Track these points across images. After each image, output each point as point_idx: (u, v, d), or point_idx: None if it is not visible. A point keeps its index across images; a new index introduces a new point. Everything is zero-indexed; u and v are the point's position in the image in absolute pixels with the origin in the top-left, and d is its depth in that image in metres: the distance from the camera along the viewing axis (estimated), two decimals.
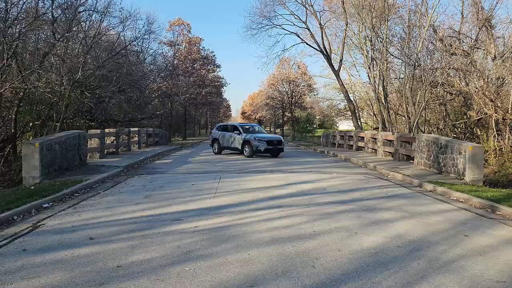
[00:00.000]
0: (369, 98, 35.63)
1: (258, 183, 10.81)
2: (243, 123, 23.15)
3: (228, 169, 14.11)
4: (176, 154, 21.68)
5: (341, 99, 37.40)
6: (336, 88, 38.13)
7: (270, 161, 17.48)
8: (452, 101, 27.88)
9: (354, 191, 9.70)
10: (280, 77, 47.58)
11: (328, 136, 28.96)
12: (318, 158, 19.65)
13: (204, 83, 35.02)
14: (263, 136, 19.26)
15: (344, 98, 38.39)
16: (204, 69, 35.77)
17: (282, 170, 13.94)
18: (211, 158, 18.58)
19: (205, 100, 35.40)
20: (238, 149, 19.49)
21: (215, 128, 21.68)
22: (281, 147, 19.16)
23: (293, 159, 18.47)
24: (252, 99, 78.66)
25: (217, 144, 20.73)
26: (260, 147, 18.48)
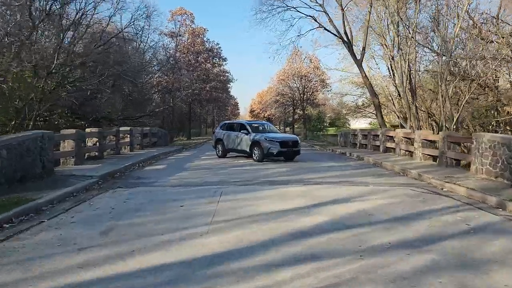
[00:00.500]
0: (390, 93, 32.39)
1: (272, 203, 7.73)
2: (252, 121, 20.07)
3: (232, 179, 11.06)
4: (173, 157, 18.68)
5: (359, 95, 34.22)
6: (353, 82, 34.94)
7: (284, 166, 14.39)
8: (484, 95, 24.58)
9: (415, 219, 6.57)
10: (291, 72, 44.43)
11: (347, 135, 25.75)
12: (341, 162, 16.49)
13: (209, 77, 32.02)
14: (276, 136, 16.16)
15: (362, 93, 35.24)
16: (209, 62, 32.79)
17: (302, 180, 10.83)
18: (213, 163, 15.54)
19: (209, 96, 32.38)
20: (246, 151, 16.42)
21: (218, 127, 18.61)
22: (297, 149, 16.05)
23: (312, 164, 15.35)
24: (260, 97, 75.61)
25: (221, 146, 17.69)
26: (272, 149, 15.38)
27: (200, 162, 16.19)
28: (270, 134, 16.37)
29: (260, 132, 16.75)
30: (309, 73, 44.00)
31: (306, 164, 15.16)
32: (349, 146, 25.00)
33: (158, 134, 25.19)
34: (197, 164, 15.39)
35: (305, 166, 14.44)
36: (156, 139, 24.76)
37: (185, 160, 16.85)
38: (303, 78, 43.74)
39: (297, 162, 15.78)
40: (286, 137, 16.45)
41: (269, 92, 61.81)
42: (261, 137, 15.74)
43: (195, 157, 18.38)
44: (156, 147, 23.32)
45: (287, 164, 15.21)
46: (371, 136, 21.21)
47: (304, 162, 15.95)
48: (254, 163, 15.47)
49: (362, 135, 23.04)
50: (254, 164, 15.01)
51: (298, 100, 45.96)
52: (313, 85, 44.31)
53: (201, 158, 17.86)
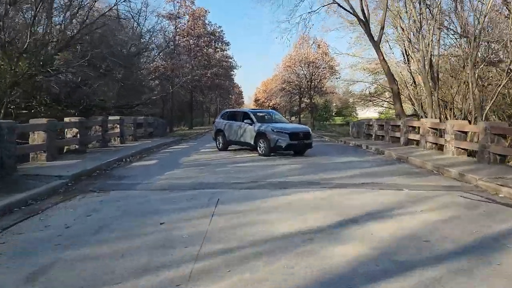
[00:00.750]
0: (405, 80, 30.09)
1: (285, 219, 5.73)
2: (257, 109, 17.88)
3: (233, 180, 9.05)
4: (169, 150, 16.66)
5: (371, 82, 31.91)
6: (364, 68, 32.62)
7: (295, 162, 12.36)
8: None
9: (497, 249, 4.54)
10: (298, 58, 42.11)
11: (361, 125, 23.62)
12: (359, 156, 14.41)
13: (210, 63, 29.86)
14: (284, 126, 14.06)
15: (374, 80, 32.92)
16: (211, 47, 30.59)
17: (319, 182, 8.79)
18: (212, 157, 13.52)
19: (211, 83, 30.25)
20: (250, 144, 14.38)
21: (219, 116, 16.54)
22: (309, 142, 13.98)
23: (326, 159, 13.30)
24: (265, 86, 73.33)
25: (221, 137, 15.64)
26: (281, 142, 13.32)
27: (198, 156, 14.17)
28: (278, 124, 14.28)
29: (266, 122, 14.70)
30: (317, 59, 41.65)
31: (320, 159, 13.11)
32: (363, 137, 22.89)
33: (155, 124, 23.17)
34: (194, 158, 13.37)
35: (319, 162, 12.38)
36: (152, 129, 22.75)
37: (181, 154, 14.83)
38: (311, 65, 41.41)
39: (308, 157, 13.72)
40: (296, 128, 14.38)
41: (274, 80, 59.52)
42: (267, 128, 13.67)
43: (193, 150, 16.36)
44: (151, 138, 21.33)
45: (297, 159, 13.17)
46: (389, 126, 19.08)
47: (316, 156, 13.89)
48: (259, 158, 13.44)
49: (378, 125, 20.92)
50: (259, 159, 12.98)
51: (305, 88, 43.70)
52: (321, 72, 41.96)
53: (200, 151, 15.84)
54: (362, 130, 23.44)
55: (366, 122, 22.97)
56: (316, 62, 41.58)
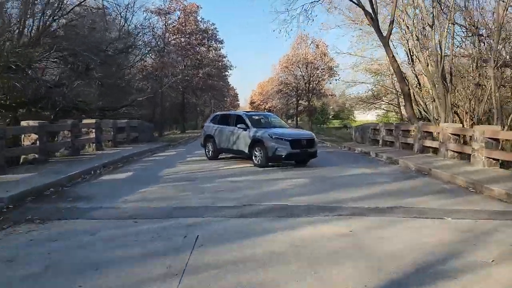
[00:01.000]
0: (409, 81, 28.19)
1: (295, 279, 3.67)
2: (252, 112, 15.61)
3: (220, 202, 7.03)
4: (151, 158, 14.57)
5: (374, 83, 29.99)
6: (367, 69, 30.68)
7: (298, 174, 10.33)
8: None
9: None
10: (296, 58, 40.17)
11: (365, 130, 21.64)
12: (370, 166, 12.39)
13: (202, 62, 27.82)
14: (284, 132, 11.98)
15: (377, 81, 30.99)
16: (203, 45, 28.54)
17: (333, 206, 6.75)
18: (199, 169, 11.44)
19: (203, 83, 28.18)
20: (244, 152, 12.32)
21: (209, 120, 14.44)
22: (314, 150, 11.91)
23: (333, 170, 11.27)
24: (261, 88, 71.53)
25: (211, 145, 13.59)
26: (280, 151, 11.28)
27: (183, 166, 12.09)
28: (277, 129, 12.22)
29: (263, 126, 12.67)
30: (315, 59, 39.71)
31: (326, 171, 11.08)
32: (368, 143, 20.90)
33: (140, 128, 21.07)
34: (178, 170, 11.29)
35: (327, 175, 10.35)
36: (137, 134, 20.65)
37: (164, 163, 12.76)
38: (309, 65, 39.47)
39: (312, 168, 11.70)
40: (298, 134, 12.28)
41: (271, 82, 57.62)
42: (265, 134, 11.62)
43: (180, 159, 14.28)
44: (136, 144, 19.23)
45: (300, 171, 11.13)
46: (399, 131, 17.10)
47: (322, 167, 11.87)
48: (254, 169, 11.40)
49: (386, 130, 18.92)
50: (255, 172, 10.93)
51: (302, 90, 41.75)
52: (320, 73, 40.04)
53: (186, 160, 13.76)
54: (366, 135, 21.45)
55: (371, 126, 20.99)
56: (315, 62, 39.64)
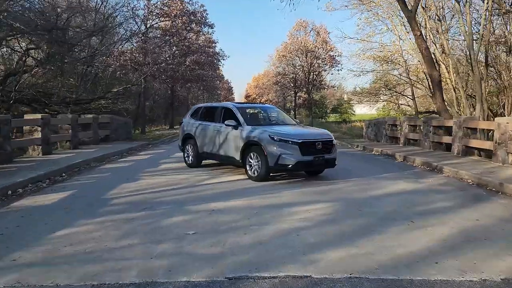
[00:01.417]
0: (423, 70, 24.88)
1: None
2: (246, 104, 11.67)
3: (185, 269, 3.60)
4: (112, 166, 11.08)
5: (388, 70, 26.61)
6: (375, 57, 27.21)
7: (312, 195, 6.97)
8: None
9: None
10: (294, 46, 36.68)
11: (380, 125, 18.34)
12: (409, 179, 9.03)
13: (190, 48, 24.30)
14: (290, 131, 8.44)
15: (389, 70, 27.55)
16: (191, 30, 24.98)
17: (400, 281, 3.40)
18: (169, 184, 7.99)
19: (190, 72, 24.67)
20: (234, 159, 8.89)
21: (188, 114, 10.93)
22: (332, 156, 8.42)
23: (361, 186, 7.90)
24: (257, 81, 68.11)
25: (191, 147, 10.18)
26: (286, 158, 7.84)
27: (148, 180, 8.67)
28: (280, 127, 8.79)
29: (261, 123, 9.32)
30: (316, 47, 36.23)
31: (352, 187, 7.75)
32: (384, 141, 17.63)
33: (113, 124, 17.61)
34: (138, 187, 7.86)
35: (355, 195, 7.01)
36: (109, 132, 17.21)
37: (125, 174, 9.35)
38: (309, 54, 36.00)
39: (331, 181, 8.35)
40: (310, 134, 8.57)
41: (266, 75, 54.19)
42: (263, 134, 8.18)
43: (151, 165, 10.86)
44: (105, 144, 15.82)
45: (314, 186, 7.76)
46: (429, 127, 13.78)
47: (343, 179, 8.54)
48: (248, 184, 8.01)
49: (409, 126, 15.63)
50: (249, 190, 7.55)
51: (301, 81, 38.30)
52: (321, 62, 36.58)
53: (158, 169, 10.33)
54: (382, 131, 18.17)
55: (389, 121, 17.66)
56: (316, 51, 36.17)
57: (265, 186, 7.84)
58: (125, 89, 22.23)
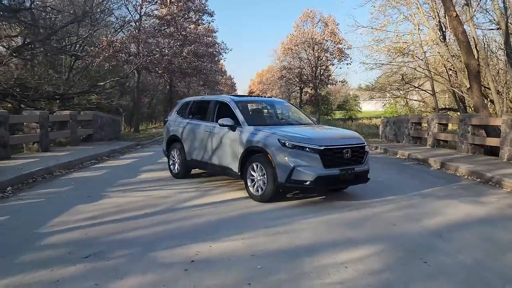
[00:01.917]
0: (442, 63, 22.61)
1: None
2: (247, 97, 8.98)
3: None
4: (79, 175, 8.83)
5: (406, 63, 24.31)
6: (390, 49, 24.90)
7: (341, 228, 4.76)
8: None
9: None
10: (301, 39, 34.38)
11: (401, 123, 16.14)
12: (465, 197, 6.85)
13: (187, 38, 22.07)
14: (307, 134, 6.06)
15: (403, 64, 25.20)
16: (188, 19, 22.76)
17: None
18: (143, 204, 5.79)
19: (188, 65, 22.42)
20: (231, 171, 6.64)
21: (174, 111, 8.66)
22: (364, 169, 6.15)
23: (407, 210, 5.71)
24: (260, 77, 65.98)
25: (177, 153, 7.99)
26: (302, 172, 5.59)
27: (114, 200, 6.48)
28: (292, 128, 6.55)
29: (267, 122, 7.16)
30: (324, 39, 33.90)
31: (395, 212, 5.56)
32: (405, 141, 15.43)
33: (97, 123, 15.47)
34: (93, 215, 5.66)
35: (407, 230, 4.79)
36: (91, 131, 15.08)
37: (88, 188, 7.18)
38: (317, 47, 33.70)
39: (363, 202, 6.14)
40: (335, 137, 6.26)
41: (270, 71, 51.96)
42: (270, 138, 5.95)
43: (126, 175, 8.67)
44: (85, 145, 13.70)
45: (341, 212, 5.55)
46: (467, 127, 11.53)
47: (377, 198, 6.34)
48: (248, 208, 5.80)
49: (438, 125, 13.41)
50: (250, 217, 5.36)
51: (308, 76, 36.01)
52: (329, 55, 34.28)
53: (134, 181, 8.12)
54: (403, 130, 15.96)
55: (413, 119, 15.42)
56: (323, 43, 33.84)
57: (272, 210, 5.65)
58: (113, 82, 20.02)
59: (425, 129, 14.14)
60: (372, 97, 29.27)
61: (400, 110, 38.44)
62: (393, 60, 25.42)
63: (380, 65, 24.40)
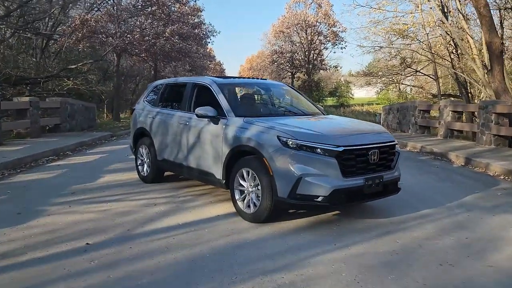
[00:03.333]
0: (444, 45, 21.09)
1: None
2: (234, 79, 7.20)
3: None
4: (23, 178, 7.01)
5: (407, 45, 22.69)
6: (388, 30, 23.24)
7: (368, 264, 3.13)
8: None
9: None
10: (293, 21, 32.50)
11: (406, 111, 14.61)
12: None
13: (170, 17, 20.07)
14: (316, 129, 4.29)
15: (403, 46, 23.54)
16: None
17: None
18: (88, 228, 4.07)
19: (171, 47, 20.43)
20: (212, 177, 4.95)
21: (143, 97, 6.91)
22: (394, 177, 4.52)
23: (451, 227, 4.11)
24: (250, 62, 64.12)
25: (146, 151, 6.29)
26: (313, 184, 3.92)
27: (53, 219, 4.79)
28: (295, 121, 4.90)
29: (261, 112, 5.50)
30: (317, 22, 32.06)
31: (445, 240, 3.94)
32: (412, 131, 13.93)
33: (66, 111, 13.62)
34: (5, 250, 4.00)
35: (476, 278, 3.18)
36: (58, 120, 13.25)
37: (24, 200, 5.47)
38: (310, 30, 31.86)
39: (392, 222, 4.53)
40: (355, 133, 4.44)
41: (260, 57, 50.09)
42: (266, 134, 4.27)
43: (84, 178, 6.95)
44: (48, 137, 11.89)
45: (368, 241, 3.92)
46: (489, 115, 9.98)
47: (410, 215, 4.75)
48: (237, 234, 4.14)
49: (453, 112, 11.86)
50: (238, 252, 3.70)
51: (300, 61, 34.25)
52: (323, 39, 32.48)
53: (90, 188, 6.41)
54: (408, 119, 14.43)
55: (421, 106, 13.86)
56: (317, 25, 32.01)
57: (271, 237, 4.01)
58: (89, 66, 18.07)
59: (434, 117, 12.61)
60: (369, 82, 27.63)
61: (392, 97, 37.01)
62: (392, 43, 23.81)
63: (378, 48, 22.75)
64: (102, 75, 26.79)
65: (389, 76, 24.42)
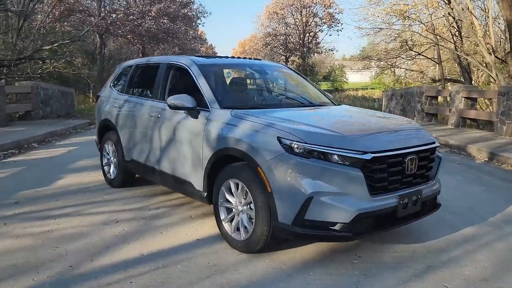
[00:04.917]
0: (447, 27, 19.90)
1: None
2: (221, 58, 4.84)
3: None
4: None
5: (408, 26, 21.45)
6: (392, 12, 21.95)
7: None
8: None
9: None
10: (287, 1, 31.01)
11: (411, 97, 13.50)
12: None
13: None
14: (330, 128, 3.06)
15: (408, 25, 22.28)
16: None
17: None
18: (18, 263, 2.91)
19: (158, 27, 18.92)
20: (190, 187, 3.76)
21: (110, 82, 5.68)
22: (433, 191, 3.34)
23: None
24: (243, 46, 62.39)
25: (112, 149, 5.09)
26: (329, 206, 2.75)
27: None
28: (301, 114, 3.72)
29: (255, 102, 4.29)
30: (313, 3, 30.61)
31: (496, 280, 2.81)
32: (417, 119, 12.85)
33: (39, 97, 12.28)
34: None
35: None
36: (29, 106, 11.93)
37: None
38: (305, 11, 30.43)
39: (436, 256, 3.41)
40: (385, 132, 3.21)
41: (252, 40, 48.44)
42: (262, 133, 3.09)
43: (40, 181, 5.77)
44: (17, 126, 10.61)
45: (402, 277, 2.80)
46: (510, 102, 8.88)
47: (453, 243, 3.62)
48: (227, 271, 2.99)
49: (466, 99, 10.75)
50: None
51: (295, 43, 32.88)
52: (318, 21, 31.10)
53: (43, 194, 5.23)
54: (413, 105, 13.34)
55: (428, 91, 12.74)
56: (312, 6, 30.58)
57: (267, 279, 2.86)
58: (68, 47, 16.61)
59: (448, 104, 11.52)
60: (367, 66, 26.42)
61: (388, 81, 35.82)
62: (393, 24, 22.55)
63: (378, 29, 21.49)
64: (89, 58, 25.34)
65: (389, 59, 23.16)
